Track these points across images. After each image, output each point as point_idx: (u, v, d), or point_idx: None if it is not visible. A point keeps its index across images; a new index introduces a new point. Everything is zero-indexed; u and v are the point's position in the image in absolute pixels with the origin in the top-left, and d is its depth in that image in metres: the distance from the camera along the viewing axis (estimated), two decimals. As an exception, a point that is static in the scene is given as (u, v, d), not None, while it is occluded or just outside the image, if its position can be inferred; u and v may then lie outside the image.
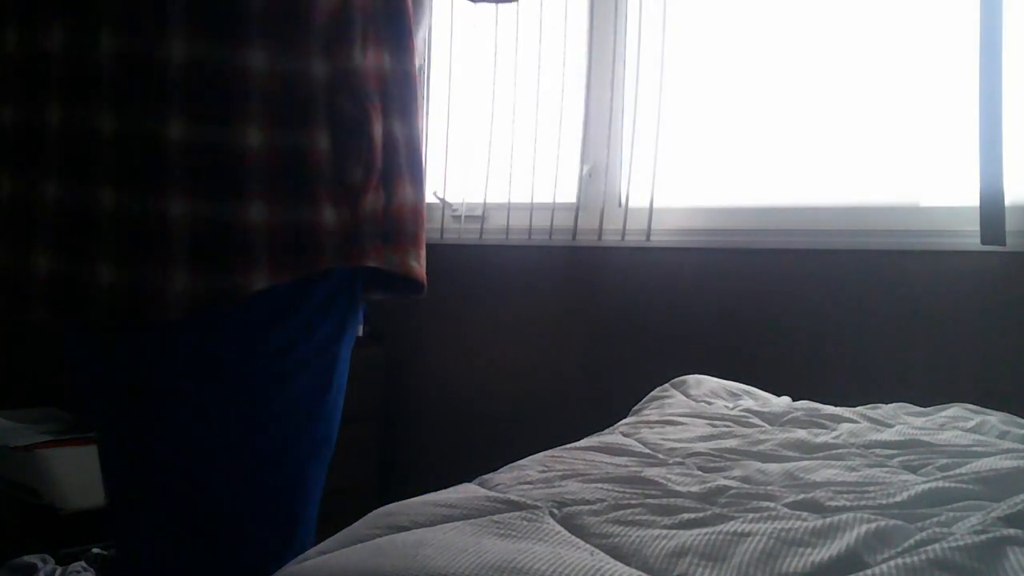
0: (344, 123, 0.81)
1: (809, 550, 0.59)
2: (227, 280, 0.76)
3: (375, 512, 0.76)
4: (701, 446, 1.03)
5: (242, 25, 0.75)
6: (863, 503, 0.75)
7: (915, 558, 0.57)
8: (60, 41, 0.77)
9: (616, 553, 0.62)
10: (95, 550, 1.96)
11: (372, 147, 0.82)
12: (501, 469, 0.93)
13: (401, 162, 0.86)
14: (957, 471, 0.86)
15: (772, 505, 0.75)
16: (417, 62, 0.90)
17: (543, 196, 2.32)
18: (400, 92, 0.86)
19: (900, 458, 0.98)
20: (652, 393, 1.52)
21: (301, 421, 0.87)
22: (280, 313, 0.81)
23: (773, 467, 0.92)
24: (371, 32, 0.82)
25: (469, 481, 0.88)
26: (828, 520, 0.64)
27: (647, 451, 1.03)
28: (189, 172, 0.75)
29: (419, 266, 0.89)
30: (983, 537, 0.59)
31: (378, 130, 0.83)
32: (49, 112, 0.77)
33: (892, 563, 0.57)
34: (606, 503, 0.75)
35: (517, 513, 0.71)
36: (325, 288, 0.84)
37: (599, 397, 2.16)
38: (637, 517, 0.70)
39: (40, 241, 0.77)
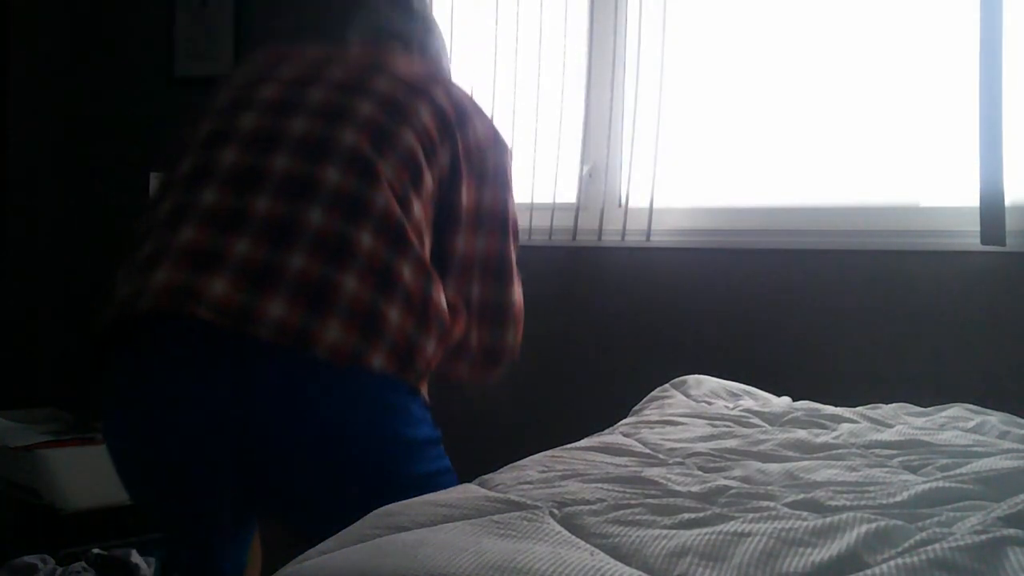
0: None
1: (809, 550, 0.59)
2: (363, 349, 1.05)
3: (375, 512, 0.76)
4: (701, 446, 1.03)
5: (379, 181, 1.13)
6: (863, 503, 0.75)
7: (915, 558, 0.57)
8: (234, 158, 1.14)
9: (616, 553, 0.62)
10: (95, 550, 1.96)
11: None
12: (501, 469, 0.93)
13: None
14: (957, 471, 0.86)
15: (772, 505, 0.75)
16: None
17: (543, 196, 2.31)
18: None
19: (900, 458, 0.98)
20: (652, 393, 1.52)
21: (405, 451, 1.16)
22: (385, 392, 1.10)
23: (773, 467, 0.92)
24: None
25: (469, 481, 0.88)
26: (828, 520, 0.64)
27: (647, 451, 1.03)
28: (368, 270, 1.09)
29: None
30: (983, 537, 0.59)
31: None
32: (207, 194, 1.12)
33: (892, 563, 0.57)
34: (606, 503, 0.75)
35: (517, 513, 0.71)
36: (406, 395, 1.14)
37: (599, 397, 2.15)
38: (637, 517, 0.70)
39: (168, 264, 1.07)
